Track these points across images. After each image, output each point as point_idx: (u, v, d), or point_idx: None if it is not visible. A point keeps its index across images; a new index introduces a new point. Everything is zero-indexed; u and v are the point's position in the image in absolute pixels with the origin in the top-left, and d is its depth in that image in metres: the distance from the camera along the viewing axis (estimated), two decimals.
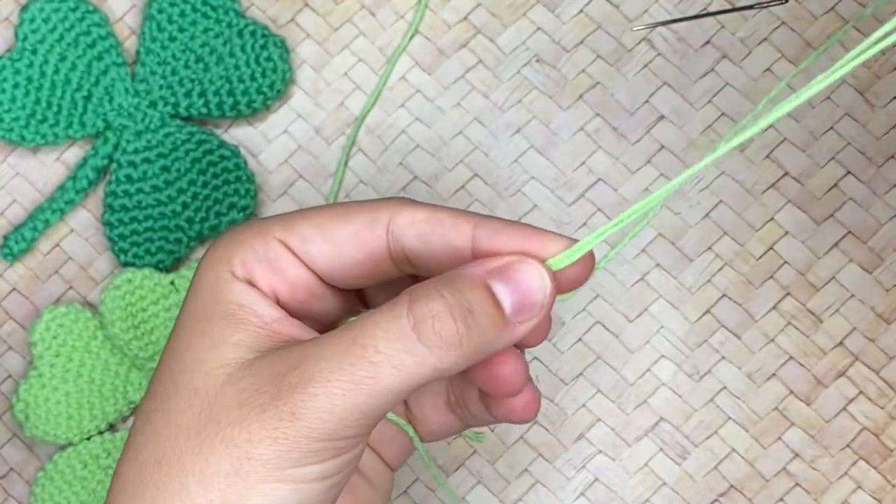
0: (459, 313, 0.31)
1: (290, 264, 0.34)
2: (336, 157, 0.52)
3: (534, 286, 0.32)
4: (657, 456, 0.49)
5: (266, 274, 0.34)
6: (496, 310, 0.31)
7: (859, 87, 0.50)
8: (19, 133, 0.52)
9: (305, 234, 0.34)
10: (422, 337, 0.31)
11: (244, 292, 0.33)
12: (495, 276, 0.32)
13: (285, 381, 0.31)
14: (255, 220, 0.35)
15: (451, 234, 0.33)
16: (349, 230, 0.34)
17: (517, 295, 0.32)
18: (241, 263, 0.34)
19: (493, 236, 0.33)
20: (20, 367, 0.52)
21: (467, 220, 0.33)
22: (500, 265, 0.32)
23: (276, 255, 0.34)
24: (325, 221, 0.34)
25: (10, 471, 0.51)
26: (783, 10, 0.51)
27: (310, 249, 0.34)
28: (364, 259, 0.34)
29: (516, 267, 0.32)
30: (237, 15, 0.52)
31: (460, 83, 0.52)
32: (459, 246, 0.33)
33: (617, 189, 0.51)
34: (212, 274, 0.34)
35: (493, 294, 0.31)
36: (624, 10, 0.52)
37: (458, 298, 0.31)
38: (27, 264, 0.52)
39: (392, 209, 0.34)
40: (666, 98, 0.51)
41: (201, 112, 0.52)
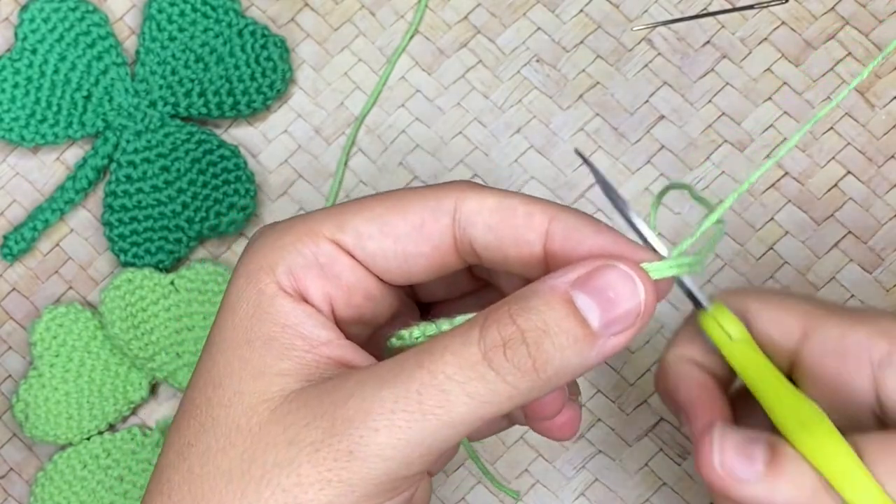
0: (534, 338, 0.27)
1: (345, 267, 0.30)
2: (336, 157, 0.52)
3: (624, 292, 0.28)
4: (657, 456, 0.49)
5: (319, 281, 0.30)
6: (580, 327, 0.28)
7: (859, 87, 0.50)
8: (19, 133, 0.52)
9: (361, 231, 0.30)
10: (493, 364, 0.27)
11: (291, 310, 0.29)
12: (579, 286, 0.28)
13: (340, 415, 0.27)
14: (297, 219, 0.31)
15: (524, 226, 0.29)
16: (411, 222, 0.30)
17: (604, 305, 0.28)
18: (288, 272, 0.30)
19: (570, 234, 0.29)
20: (20, 367, 0.52)
21: (543, 210, 0.30)
22: (583, 273, 0.28)
23: (330, 257, 0.30)
24: (383, 214, 0.30)
25: (10, 471, 0.51)
26: (783, 10, 0.51)
27: (367, 246, 0.30)
28: (429, 252, 0.30)
29: (601, 272, 0.28)
30: (237, 15, 0.52)
31: (460, 83, 0.52)
32: (532, 239, 0.30)
33: (617, 189, 0.51)
34: (252, 287, 0.30)
35: (577, 309, 0.28)
36: (624, 10, 0.52)
37: (534, 321, 0.27)
38: (27, 264, 0.52)
39: (457, 195, 0.30)
40: (666, 98, 0.51)
41: (201, 112, 0.52)
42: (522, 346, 0.27)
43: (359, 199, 0.31)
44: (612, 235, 0.29)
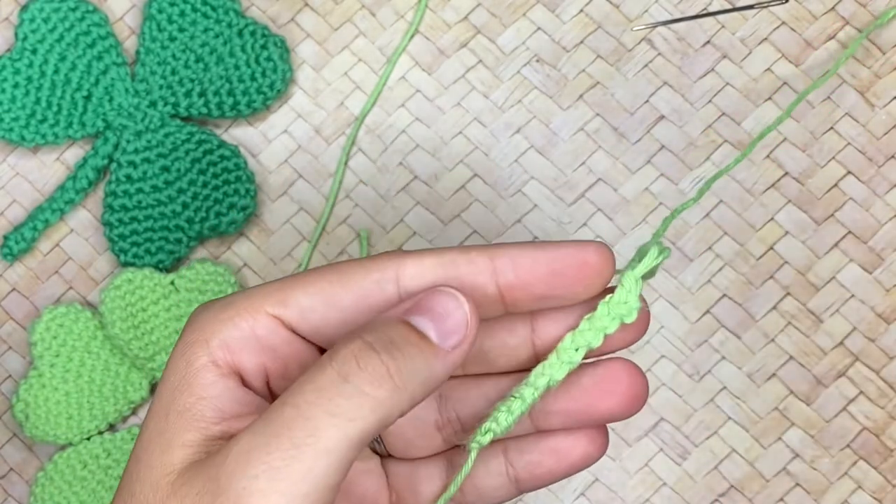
0: (381, 346, 0.28)
1: (283, 340, 0.30)
2: (336, 157, 0.52)
3: (450, 308, 0.29)
4: (657, 456, 0.49)
5: (254, 354, 0.30)
6: (421, 339, 0.29)
7: (859, 87, 0.50)
8: (19, 133, 0.52)
9: (304, 305, 0.30)
10: (349, 377, 0.28)
11: (212, 383, 0.29)
12: (412, 311, 0.29)
13: (223, 473, 0.27)
14: (239, 294, 0.31)
15: (470, 272, 0.30)
16: (355, 294, 0.30)
17: (437, 321, 0.29)
18: (223, 345, 0.30)
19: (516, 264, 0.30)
20: (20, 367, 0.52)
21: (480, 253, 0.31)
22: (414, 301, 0.30)
23: (268, 331, 0.30)
24: (326, 287, 0.30)
25: (10, 471, 0.51)
26: (783, 10, 0.51)
27: (311, 319, 0.30)
28: None
29: (429, 297, 0.30)
30: (237, 15, 0.52)
31: (460, 83, 0.52)
32: (482, 282, 0.30)
33: (617, 189, 0.51)
34: (182, 360, 0.30)
35: (415, 327, 0.29)
36: (624, 10, 0.52)
37: (379, 336, 0.28)
38: (27, 264, 0.52)
39: (397, 263, 0.30)
40: (666, 98, 0.51)
41: (201, 112, 0.52)
42: (373, 353, 0.28)
43: (300, 274, 0.31)
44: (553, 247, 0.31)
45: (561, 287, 0.31)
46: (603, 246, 0.31)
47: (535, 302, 0.31)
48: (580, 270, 0.30)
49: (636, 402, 0.33)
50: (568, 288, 0.31)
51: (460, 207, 0.51)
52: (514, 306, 0.31)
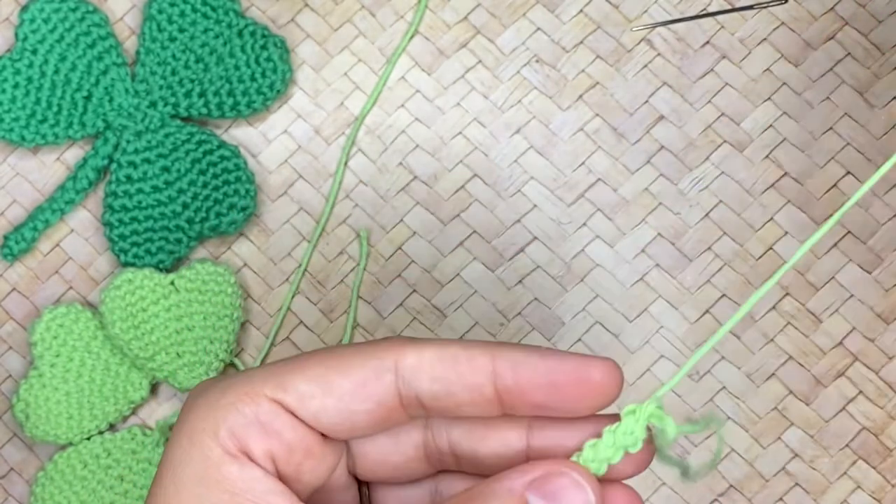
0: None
1: (286, 425, 0.30)
2: (336, 157, 0.52)
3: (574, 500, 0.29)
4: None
5: (260, 440, 0.30)
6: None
7: (859, 87, 0.50)
8: (19, 133, 0.52)
9: (303, 391, 0.30)
10: None
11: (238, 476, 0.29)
12: (535, 489, 0.29)
13: None
14: (237, 378, 0.31)
15: (469, 371, 0.30)
16: (353, 381, 0.30)
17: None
18: (231, 433, 0.29)
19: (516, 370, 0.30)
20: (20, 367, 0.52)
21: (483, 352, 0.30)
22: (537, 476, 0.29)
23: (270, 416, 0.30)
24: (324, 373, 0.30)
25: (11, 471, 0.51)
26: (783, 11, 0.51)
27: (310, 406, 0.30)
28: (373, 408, 0.30)
29: (553, 479, 0.29)
30: (237, 15, 0.52)
31: (460, 83, 0.52)
32: (480, 382, 0.30)
33: (617, 189, 0.51)
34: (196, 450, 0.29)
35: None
36: (624, 10, 0.52)
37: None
38: (27, 264, 0.52)
39: (396, 352, 0.30)
40: (666, 98, 0.51)
41: (201, 112, 0.52)
42: None
43: (297, 358, 0.31)
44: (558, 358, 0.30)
45: (560, 400, 0.30)
46: (610, 365, 0.30)
47: (533, 410, 0.31)
48: (582, 387, 0.30)
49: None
50: (568, 403, 0.30)
51: (460, 207, 0.51)
52: (510, 410, 0.31)
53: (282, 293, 0.52)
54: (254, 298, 0.52)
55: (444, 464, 0.33)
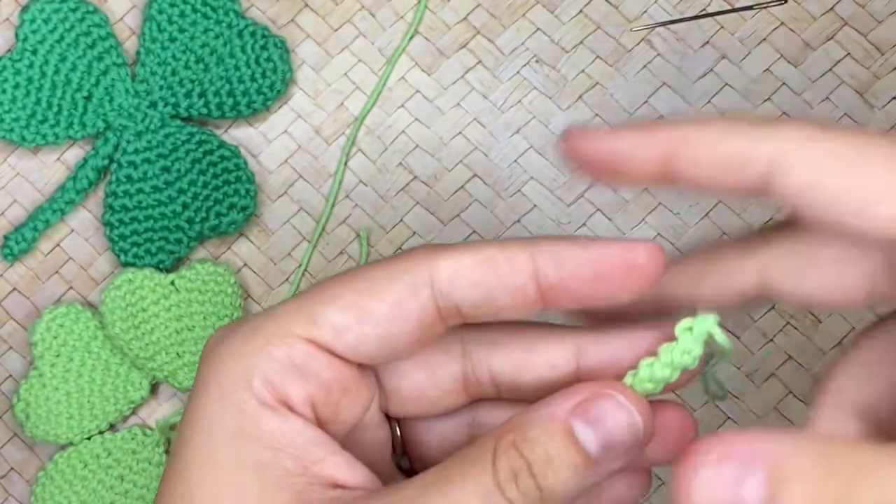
0: (539, 468, 0.27)
1: (323, 365, 0.28)
2: (336, 158, 0.52)
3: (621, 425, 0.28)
4: None
5: (298, 386, 0.28)
6: (580, 457, 0.28)
7: (859, 87, 0.50)
8: (20, 133, 0.52)
9: (338, 323, 0.28)
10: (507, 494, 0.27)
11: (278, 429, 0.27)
12: (578, 415, 0.28)
13: None
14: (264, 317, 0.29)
15: (510, 272, 0.28)
16: (389, 303, 0.28)
17: (603, 437, 0.28)
18: (266, 382, 0.28)
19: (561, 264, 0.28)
20: (20, 367, 0.52)
21: (521, 250, 0.28)
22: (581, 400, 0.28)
23: (305, 357, 0.28)
24: (357, 300, 0.28)
25: (11, 470, 0.51)
26: (782, 11, 0.51)
27: (347, 338, 0.28)
28: (413, 328, 0.29)
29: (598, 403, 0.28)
30: (237, 15, 0.52)
31: (460, 83, 0.52)
32: (522, 282, 0.28)
33: (617, 189, 0.51)
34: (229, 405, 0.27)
35: (576, 439, 0.28)
36: (624, 11, 0.52)
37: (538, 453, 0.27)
38: (27, 264, 0.52)
39: (429, 262, 0.28)
40: (666, 98, 0.51)
41: (201, 112, 0.52)
42: (530, 478, 0.27)
43: (325, 285, 0.29)
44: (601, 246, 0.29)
45: (606, 290, 0.29)
46: (653, 246, 0.29)
47: (577, 302, 0.29)
48: (627, 273, 0.28)
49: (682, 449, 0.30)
50: (614, 290, 0.29)
51: (460, 207, 0.51)
52: (553, 305, 0.29)
53: (282, 293, 0.52)
54: (254, 298, 0.52)
55: (482, 393, 0.32)
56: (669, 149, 0.27)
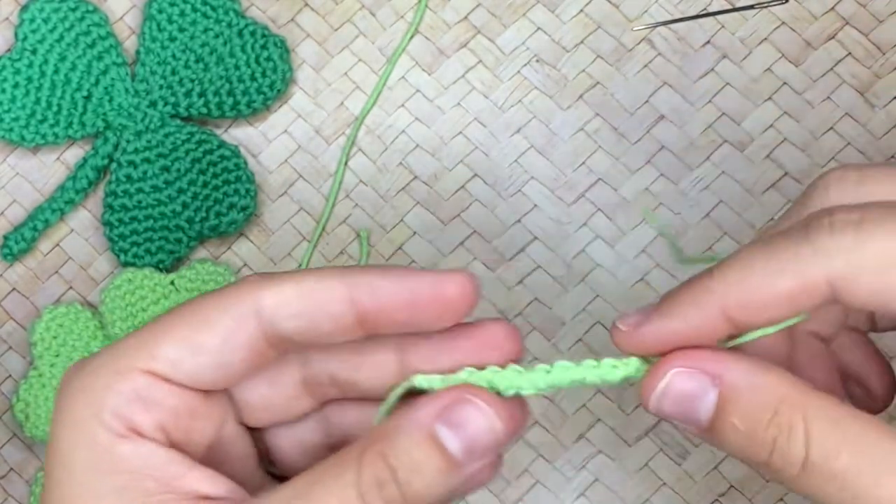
0: (404, 477, 0.29)
1: (166, 394, 0.30)
2: (336, 157, 0.52)
3: (481, 429, 0.30)
4: (657, 456, 0.49)
5: (145, 414, 0.30)
6: (444, 461, 0.29)
7: (859, 87, 0.50)
8: (19, 133, 0.52)
9: (173, 357, 0.30)
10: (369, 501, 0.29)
11: (132, 454, 0.29)
12: (441, 420, 0.29)
13: None
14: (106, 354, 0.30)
15: (327, 301, 0.30)
16: (219, 335, 0.30)
17: (465, 441, 0.29)
18: (114, 415, 0.29)
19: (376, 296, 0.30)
20: (20, 367, 0.52)
21: (339, 281, 0.30)
22: (443, 406, 0.30)
23: (148, 388, 0.30)
24: (190, 334, 0.30)
25: (10, 471, 0.51)
26: (783, 10, 0.51)
27: (183, 369, 0.30)
28: (244, 356, 0.30)
29: (459, 408, 0.30)
30: (237, 15, 0.52)
31: (460, 83, 0.52)
32: (341, 310, 0.30)
33: (617, 189, 0.51)
34: (83, 438, 0.29)
35: (440, 442, 0.29)
36: (624, 10, 0.52)
37: (403, 460, 0.29)
38: (27, 264, 0.52)
39: (254, 294, 0.30)
40: (666, 98, 0.51)
41: (201, 112, 0.52)
42: (394, 485, 0.29)
43: (163, 319, 0.31)
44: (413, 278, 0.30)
45: (420, 317, 0.30)
46: (463, 278, 0.30)
47: (396, 328, 0.31)
48: (439, 303, 0.30)
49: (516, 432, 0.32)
50: (427, 318, 0.30)
51: (460, 207, 0.51)
52: (375, 331, 0.31)
53: None
54: None
55: (328, 395, 0.33)
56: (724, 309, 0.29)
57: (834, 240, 0.28)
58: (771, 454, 0.28)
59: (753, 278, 0.29)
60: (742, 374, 0.29)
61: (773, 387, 0.29)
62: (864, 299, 0.28)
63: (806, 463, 0.28)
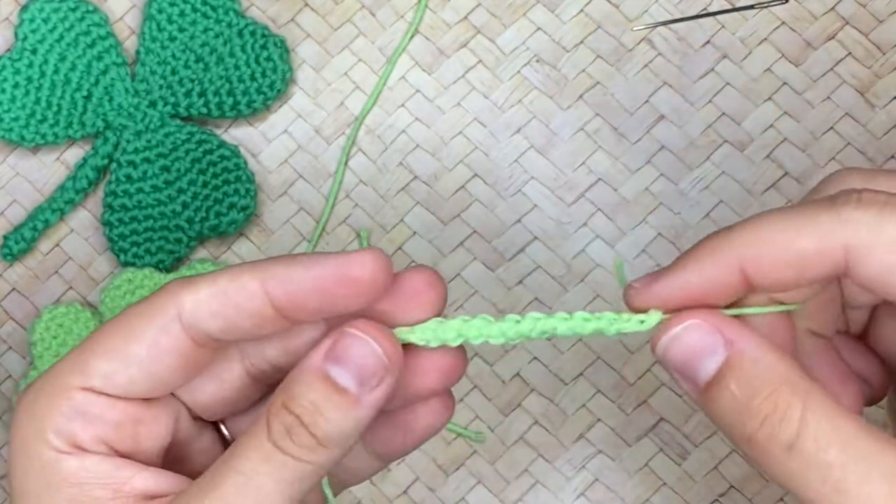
0: (308, 416, 0.30)
1: (104, 407, 0.31)
2: (336, 157, 0.52)
3: (365, 353, 0.31)
4: (657, 456, 0.49)
5: (86, 429, 0.31)
6: (341, 396, 0.30)
7: (859, 87, 0.50)
8: (19, 133, 0.52)
9: (105, 371, 0.31)
10: (286, 450, 0.30)
11: (78, 467, 0.31)
12: (329, 360, 0.31)
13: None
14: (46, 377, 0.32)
15: (244, 300, 0.31)
16: (146, 344, 0.31)
17: (354, 371, 0.30)
18: (56, 433, 0.31)
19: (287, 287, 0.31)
20: (20, 367, 0.52)
21: (251, 277, 0.31)
22: (328, 346, 0.31)
23: (85, 404, 0.31)
24: (119, 346, 0.31)
25: None
26: (783, 10, 0.51)
27: (117, 382, 0.31)
28: (174, 361, 0.31)
29: (343, 343, 0.31)
30: (237, 15, 0.52)
31: (460, 83, 0.52)
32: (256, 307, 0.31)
33: (617, 189, 0.51)
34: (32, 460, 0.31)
35: (333, 380, 0.30)
36: (624, 10, 0.52)
37: (303, 405, 0.30)
38: (27, 264, 0.52)
39: (174, 300, 0.31)
40: (666, 98, 0.51)
41: (201, 112, 0.52)
42: (301, 428, 0.30)
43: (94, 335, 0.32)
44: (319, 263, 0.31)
45: (334, 302, 0.31)
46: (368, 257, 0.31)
47: (316, 315, 0.31)
48: (346, 286, 0.31)
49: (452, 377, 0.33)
50: (342, 301, 0.31)
51: (460, 207, 0.51)
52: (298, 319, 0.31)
53: None
54: None
55: (274, 378, 0.34)
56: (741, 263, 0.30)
57: (859, 212, 0.29)
58: (759, 429, 0.29)
59: (774, 235, 0.29)
60: (754, 346, 0.29)
61: (780, 366, 0.29)
62: (874, 274, 0.29)
63: (794, 446, 0.28)
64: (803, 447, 0.28)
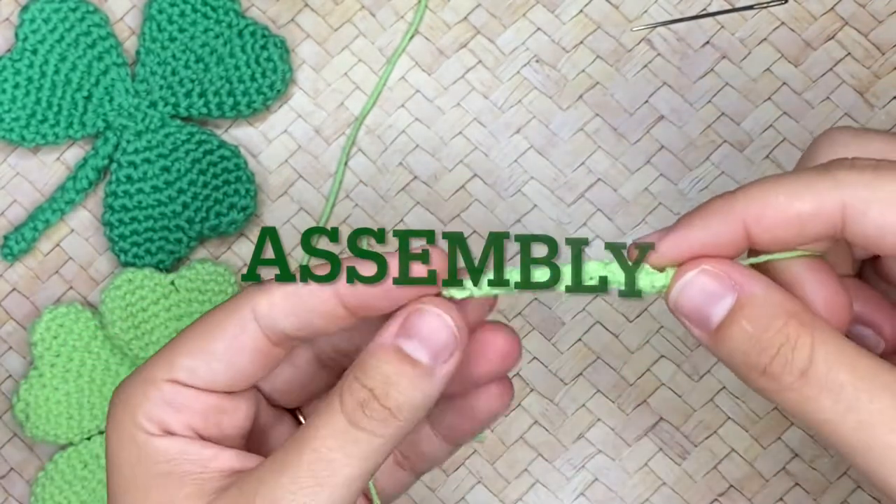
0: (381, 389, 0.32)
1: (190, 397, 0.34)
2: (336, 157, 0.52)
3: (436, 327, 0.32)
4: (657, 456, 0.49)
5: (175, 415, 0.34)
6: (413, 367, 0.32)
7: (859, 87, 0.50)
8: (19, 133, 0.52)
9: (189, 365, 0.34)
10: (359, 424, 0.31)
11: (168, 446, 0.33)
12: (402, 335, 0.32)
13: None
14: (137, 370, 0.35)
15: (316, 302, 0.33)
16: (225, 341, 0.33)
17: (427, 344, 0.32)
18: (148, 418, 0.34)
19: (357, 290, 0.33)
20: (20, 367, 0.52)
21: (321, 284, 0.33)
22: (401, 322, 0.32)
23: (173, 395, 0.34)
24: (201, 343, 0.34)
25: (11, 470, 0.51)
26: (783, 10, 0.51)
27: (201, 375, 0.34)
28: (252, 356, 0.34)
29: (412, 318, 0.32)
30: (237, 15, 0.52)
31: (460, 83, 0.52)
32: (329, 308, 0.33)
33: (617, 189, 0.51)
34: (126, 440, 0.34)
35: (406, 354, 0.32)
36: (624, 11, 0.52)
37: (376, 378, 0.32)
38: (27, 264, 0.52)
39: (250, 301, 0.33)
40: (666, 98, 0.51)
41: (201, 112, 0.52)
42: (374, 401, 0.32)
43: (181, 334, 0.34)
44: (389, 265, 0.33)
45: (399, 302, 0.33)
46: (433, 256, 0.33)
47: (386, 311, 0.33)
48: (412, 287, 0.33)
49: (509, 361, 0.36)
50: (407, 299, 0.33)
51: (460, 207, 0.51)
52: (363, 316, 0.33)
53: None
54: None
55: (343, 364, 0.36)
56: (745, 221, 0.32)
57: (853, 174, 0.31)
58: (773, 360, 0.30)
59: (775, 197, 0.31)
60: (762, 287, 0.31)
61: (788, 303, 0.31)
62: (870, 231, 0.31)
63: (807, 371, 0.30)
64: (816, 371, 0.30)
